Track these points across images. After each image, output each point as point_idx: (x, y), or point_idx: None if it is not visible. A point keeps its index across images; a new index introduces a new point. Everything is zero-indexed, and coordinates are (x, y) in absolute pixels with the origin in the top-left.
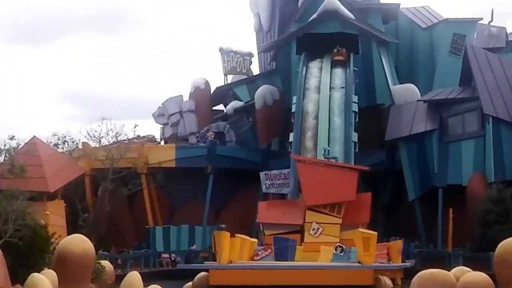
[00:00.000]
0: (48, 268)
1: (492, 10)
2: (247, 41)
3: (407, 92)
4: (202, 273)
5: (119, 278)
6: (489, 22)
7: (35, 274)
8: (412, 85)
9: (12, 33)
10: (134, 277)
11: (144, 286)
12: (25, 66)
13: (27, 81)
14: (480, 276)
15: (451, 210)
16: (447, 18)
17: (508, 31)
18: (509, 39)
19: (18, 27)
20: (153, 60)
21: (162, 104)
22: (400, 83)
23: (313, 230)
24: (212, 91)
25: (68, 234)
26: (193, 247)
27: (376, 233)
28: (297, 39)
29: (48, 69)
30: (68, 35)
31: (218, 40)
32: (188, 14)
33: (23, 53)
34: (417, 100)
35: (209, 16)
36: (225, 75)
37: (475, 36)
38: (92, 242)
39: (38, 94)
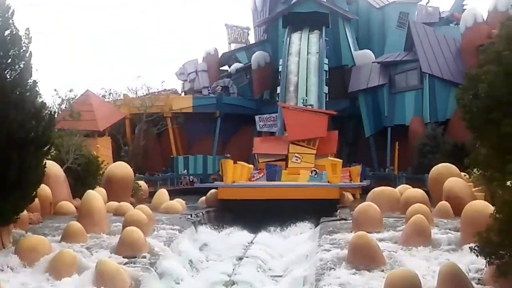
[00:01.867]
0: (99, 187)
1: None
2: (245, 18)
3: (365, 56)
4: (213, 190)
5: (151, 194)
6: (427, 3)
7: (90, 191)
8: (368, 50)
9: None
10: (162, 193)
11: (169, 199)
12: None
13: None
14: (418, 191)
15: (397, 143)
16: (394, 0)
17: (441, 10)
18: (441, 16)
19: None
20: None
21: (182, 65)
22: (360, 49)
23: (294, 158)
24: (219, 56)
25: (113, 162)
26: (184, 172)
27: (341, 160)
28: (283, 17)
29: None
30: None
31: (223, 18)
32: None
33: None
34: (372, 62)
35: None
36: (229, 43)
37: (416, 14)
38: (131, 168)
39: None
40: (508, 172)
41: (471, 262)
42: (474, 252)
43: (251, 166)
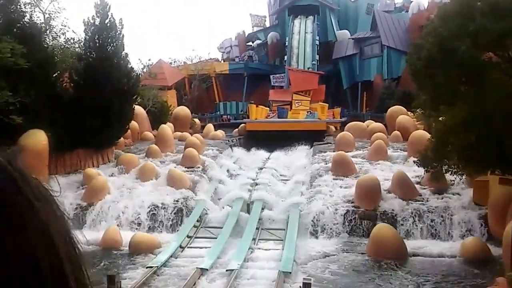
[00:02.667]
0: (169, 122)
1: None
2: (262, 8)
3: (343, 34)
4: (242, 124)
5: (202, 127)
6: None
7: (163, 125)
8: (346, 30)
9: None
10: (209, 126)
11: (214, 130)
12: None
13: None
14: (379, 124)
15: (365, 93)
16: None
17: (396, 1)
18: (396, 6)
19: None
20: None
21: (222, 42)
22: (340, 30)
23: (296, 103)
24: (246, 35)
25: (178, 106)
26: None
27: (327, 104)
28: (288, 8)
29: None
30: None
31: (248, 9)
32: None
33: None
34: (348, 38)
35: None
36: (253, 27)
37: (378, 5)
38: (189, 110)
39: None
40: (440, 111)
41: (413, 171)
42: (416, 164)
43: (267, 108)
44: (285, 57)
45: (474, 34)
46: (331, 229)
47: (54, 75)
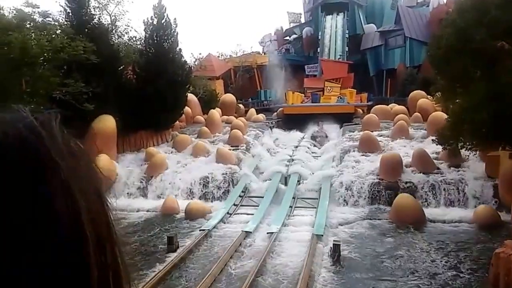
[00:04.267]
0: (217, 107)
1: None
2: (298, 6)
3: (370, 28)
4: (281, 108)
5: (246, 112)
6: None
7: (212, 110)
8: (373, 24)
9: None
10: (252, 110)
11: (256, 114)
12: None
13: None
14: (401, 107)
15: (389, 79)
16: None
17: None
18: (418, 1)
19: None
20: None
21: (262, 37)
22: (367, 24)
23: (328, 89)
24: (284, 30)
25: (224, 93)
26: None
27: (355, 90)
28: (321, 6)
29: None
30: None
31: (285, 7)
32: None
33: None
34: (375, 31)
35: None
36: (290, 23)
37: (402, 1)
38: (235, 96)
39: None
40: (456, 94)
41: (432, 148)
42: (434, 142)
43: (302, 94)
44: (318, 49)
45: (488, 25)
46: (358, 198)
47: (120, 68)
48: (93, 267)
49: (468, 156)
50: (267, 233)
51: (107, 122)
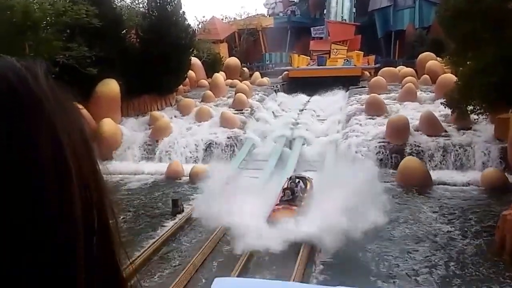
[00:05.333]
0: (221, 71)
1: None
2: None
3: None
4: (285, 72)
5: (251, 75)
6: None
7: (216, 74)
8: None
9: None
10: (257, 74)
11: (261, 77)
12: None
13: None
14: (410, 69)
15: (397, 41)
16: None
17: None
18: None
19: None
20: None
21: None
22: None
23: (334, 51)
24: None
25: (229, 57)
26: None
27: (362, 52)
28: None
29: None
30: None
31: None
32: None
33: None
34: None
35: None
36: None
37: None
38: (239, 60)
39: None
40: (466, 56)
41: (440, 111)
42: (443, 105)
43: (308, 57)
44: (325, 11)
45: None
46: (363, 162)
47: (123, 32)
48: (76, 200)
49: (477, 119)
50: None
51: (111, 86)
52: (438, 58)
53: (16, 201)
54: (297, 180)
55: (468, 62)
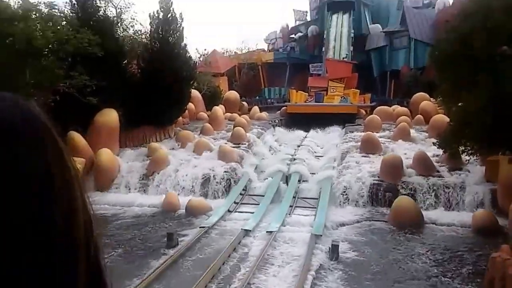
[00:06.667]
0: (221, 104)
1: None
2: (304, 4)
3: (376, 28)
4: (284, 107)
5: (250, 109)
6: None
7: (216, 107)
8: (378, 24)
9: None
10: (255, 108)
11: (259, 112)
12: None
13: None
14: (404, 109)
15: (393, 81)
16: None
17: None
18: (424, 2)
19: None
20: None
21: (268, 34)
22: (373, 24)
23: (331, 89)
24: (289, 28)
25: (228, 90)
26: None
27: (358, 91)
28: (327, 4)
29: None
30: None
31: (292, 5)
32: None
33: None
34: (380, 31)
35: None
36: (295, 20)
37: (408, 1)
38: (239, 94)
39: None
40: (459, 97)
41: (433, 151)
42: (435, 145)
43: (306, 93)
44: (323, 48)
45: (491, 30)
46: (357, 199)
47: (124, 62)
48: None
49: (469, 160)
50: (267, 231)
51: (110, 116)
52: (431, 98)
53: (32, 266)
54: None
55: (459, 104)
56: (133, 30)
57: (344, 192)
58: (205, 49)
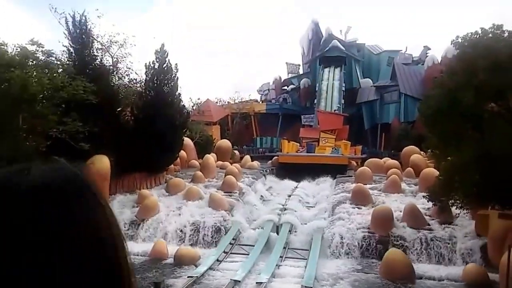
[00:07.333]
0: (212, 153)
1: (406, 47)
2: (296, 58)
3: (366, 82)
4: (275, 157)
5: (241, 158)
6: (405, 51)
7: (207, 155)
8: (369, 79)
9: None
10: (247, 157)
11: (251, 161)
12: None
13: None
14: (394, 162)
15: (383, 134)
16: (386, 50)
17: (413, 56)
18: (413, 59)
19: None
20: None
21: (261, 86)
22: (364, 78)
23: (323, 140)
24: (282, 80)
25: (220, 139)
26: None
27: (349, 142)
28: (319, 59)
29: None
30: None
31: (285, 58)
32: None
33: None
34: (371, 86)
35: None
36: (288, 73)
37: (398, 58)
38: (230, 142)
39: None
40: (447, 152)
41: (423, 203)
42: (425, 198)
43: (298, 144)
44: (315, 100)
45: (477, 87)
46: (348, 251)
47: (118, 109)
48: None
49: (459, 213)
50: (256, 283)
51: (102, 162)
52: (421, 152)
53: (33, 267)
54: None
55: (448, 158)
56: (128, 78)
57: (335, 243)
58: (198, 98)
